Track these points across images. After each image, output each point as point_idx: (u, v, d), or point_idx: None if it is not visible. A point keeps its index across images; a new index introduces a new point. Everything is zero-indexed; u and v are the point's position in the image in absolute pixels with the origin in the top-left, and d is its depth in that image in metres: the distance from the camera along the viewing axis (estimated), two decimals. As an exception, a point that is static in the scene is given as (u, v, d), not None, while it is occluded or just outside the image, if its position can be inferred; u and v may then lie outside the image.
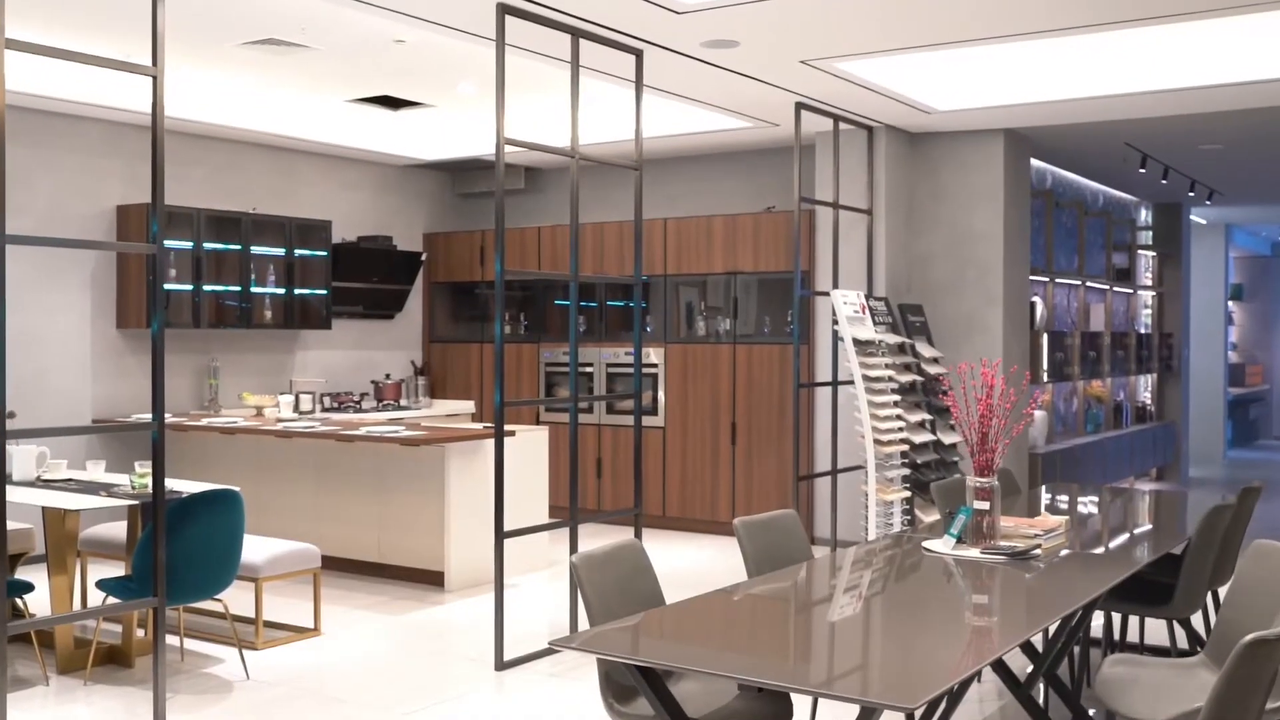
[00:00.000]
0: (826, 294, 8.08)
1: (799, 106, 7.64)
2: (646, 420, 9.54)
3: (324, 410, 9.53)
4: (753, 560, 4.09)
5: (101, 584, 5.23)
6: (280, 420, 8.14)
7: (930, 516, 7.92)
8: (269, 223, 9.17)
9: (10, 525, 6.06)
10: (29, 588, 5.35)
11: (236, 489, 5.28)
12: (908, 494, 7.74)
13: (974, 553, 4.24)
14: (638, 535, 6.41)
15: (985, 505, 4.28)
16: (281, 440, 7.92)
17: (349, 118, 8.74)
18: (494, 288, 11.06)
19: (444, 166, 10.80)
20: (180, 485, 5.71)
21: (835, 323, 7.80)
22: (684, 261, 9.49)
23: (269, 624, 6.27)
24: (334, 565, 7.74)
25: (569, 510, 6.19)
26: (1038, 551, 4.23)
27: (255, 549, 5.94)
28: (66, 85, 7.60)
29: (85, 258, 8.35)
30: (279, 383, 9.51)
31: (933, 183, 8.90)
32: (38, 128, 8.10)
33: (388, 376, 10.25)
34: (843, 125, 8.25)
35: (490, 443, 7.46)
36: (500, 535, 5.60)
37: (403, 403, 10.07)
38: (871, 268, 8.55)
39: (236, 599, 6.34)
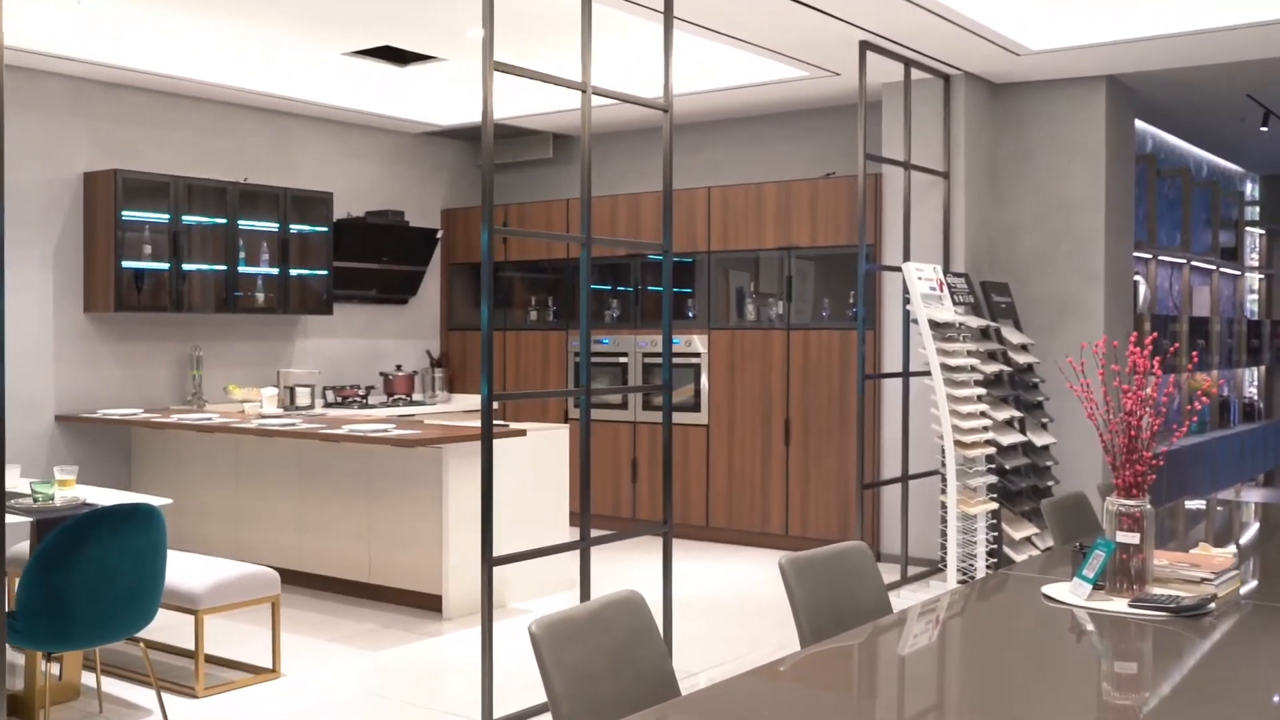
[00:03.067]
0: (897, 269, 6.87)
1: (864, 46, 6.44)
2: (689, 417, 8.37)
3: (326, 405, 8.47)
4: (806, 615, 2.91)
5: (-15, 622, 4.16)
6: (262, 416, 7.06)
7: (1020, 532, 6.69)
8: (260, 194, 8.10)
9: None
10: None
11: (153, 503, 4.18)
12: (994, 506, 6.51)
13: (1118, 605, 3.04)
14: (667, 556, 5.26)
15: (1133, 538, 3.07)
16: (262, 440, 6.85)
17: (350, 75, 7.66)
18: (521, 270, 10.01)
19: (464, 134, 9.68)
20: (101, 496, 4.64)
21: (907, 302, 6.59)
22: (731, 236, 8.30)
23: (221, 662, 5.19)
24: (321, 585, 6.67)
25: (600, 523, 5.03)
26: (1212, 606, 3.01)
27: (196, 573, 4.85)
28: (19, 34, 6.56)
29: (48, 230, 7.33)
30: (273, 374, 8.44)
31: (1020, 141, 7.64)
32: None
33: (398, 368, 9.16)
34: (915, 74, 7.03)
35: (499, 443, 6.33)
36: (489, 562, 4.45)
37: (416, 397, 8.98)
38: (949, 240, 7.31)
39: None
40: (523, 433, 6.33)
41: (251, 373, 8.33)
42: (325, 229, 8.48)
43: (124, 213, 7.33)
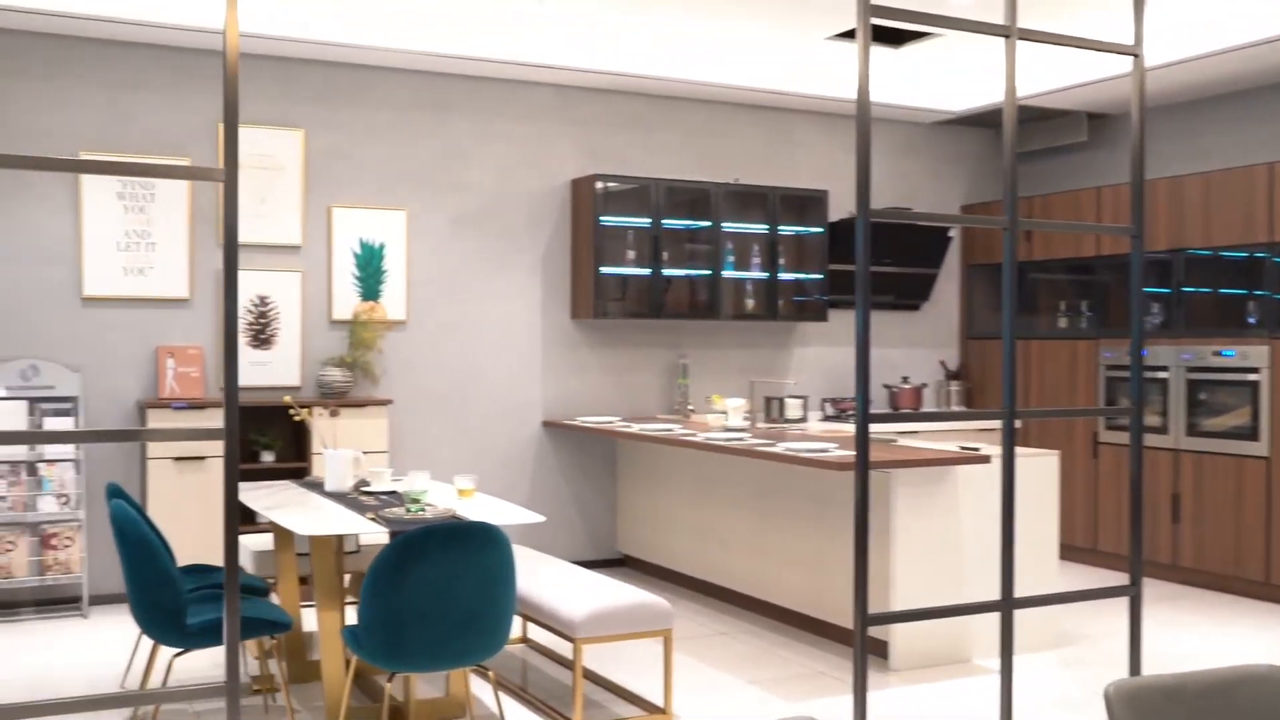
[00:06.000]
0: None
1: None
2: (1243, 447, 6.82)
3: (825, 418, 7.94)
4: (1147, 781, 1.87)
5: (345, 632, 4.06)
6: (726, 429, 6.64)
7: None
8: (748, 195, 7.72)
9: (366, 541, 5.19)
10: (284, 627, 4.30)
11: (494, 523, 3.85)
12: None
13: None
14: (1135, 626, 4.10)
15: None
16: (717, 455, 6.45)
17: (844, 62, 7.05)
18: (1046, 270, 8.76)
19: (984, 120, 8.67)
20: (486, 512, 4.40)
21: None
22: (1300, 222, 6.64)
23: (614, 689, 4.82)
24: (775, 614, 6.16)
25: (1121, 567, 4.03)
26: None
27: (580, 598, 4.48)
28: (506, 46, 6.68)
29: (537, 238, 7.45)
30: (764, 385, 8.02)
31: None
32: (480, 96, 7.30)
33: (905, 380, 8.38)
34: None
35: (960, 471, 5.43)
36: (863, 620, 3.64)
37: (924, 412, 8.15)
38: None
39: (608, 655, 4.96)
40: (986, 459, 5.35)
41: (743, 382, 7.98)
42: (820, 230, 7.92)
43: (602, 218, 7.27)
